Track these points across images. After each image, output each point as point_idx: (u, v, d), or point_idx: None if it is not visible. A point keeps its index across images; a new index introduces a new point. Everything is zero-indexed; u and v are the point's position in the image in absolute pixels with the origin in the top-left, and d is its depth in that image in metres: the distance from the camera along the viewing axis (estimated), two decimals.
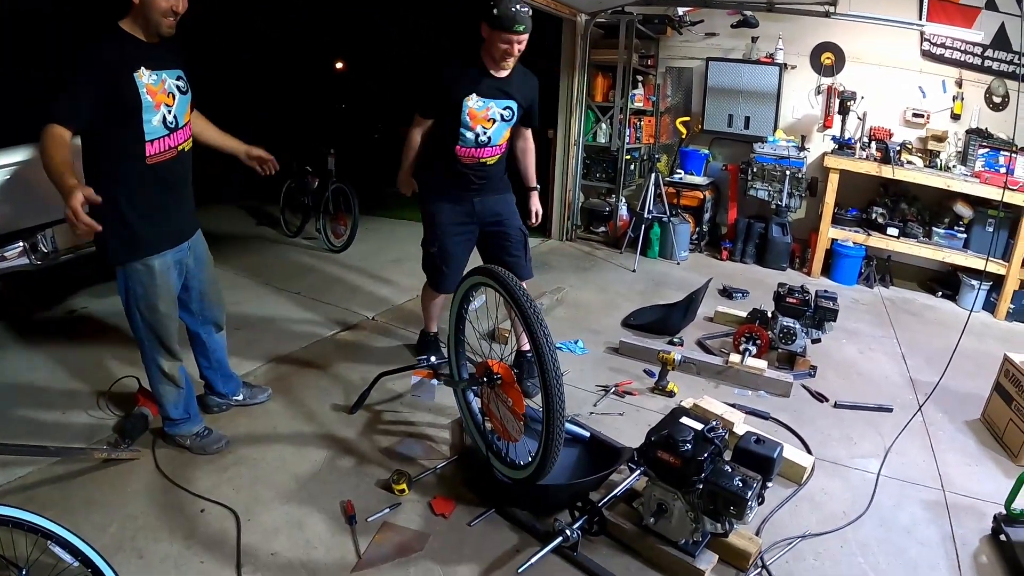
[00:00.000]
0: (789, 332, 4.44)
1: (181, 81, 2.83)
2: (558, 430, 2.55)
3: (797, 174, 6.53)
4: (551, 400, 2.52)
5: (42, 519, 2.10)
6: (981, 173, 5.88)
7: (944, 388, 3.88)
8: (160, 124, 2.73)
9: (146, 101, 2.65)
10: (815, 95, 6.82)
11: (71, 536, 2.13)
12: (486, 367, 2.92)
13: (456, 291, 3.15)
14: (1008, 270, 5.81)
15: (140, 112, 2.64)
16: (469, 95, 3.46)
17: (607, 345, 4.73)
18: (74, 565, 2.14)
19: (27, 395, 3.63)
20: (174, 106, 2.78)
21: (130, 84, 2.60)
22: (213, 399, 3.59)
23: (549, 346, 2.53)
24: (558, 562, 2.66)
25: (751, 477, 2.51)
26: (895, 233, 6.31)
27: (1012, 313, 5.90)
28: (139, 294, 2.91)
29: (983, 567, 2.86)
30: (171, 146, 2.81)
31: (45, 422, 3.39)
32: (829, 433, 3.80)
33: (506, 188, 3.92)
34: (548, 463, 2.61)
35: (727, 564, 2.71)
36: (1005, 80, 6.11)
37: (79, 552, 2.12)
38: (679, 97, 7.52)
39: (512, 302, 2.66)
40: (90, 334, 4.28)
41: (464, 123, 3.49)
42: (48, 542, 2.10)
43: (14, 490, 2.86)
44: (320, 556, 2.67)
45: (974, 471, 3.57)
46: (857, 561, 2.84)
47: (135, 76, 2.61)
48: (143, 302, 2.93)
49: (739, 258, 7.04)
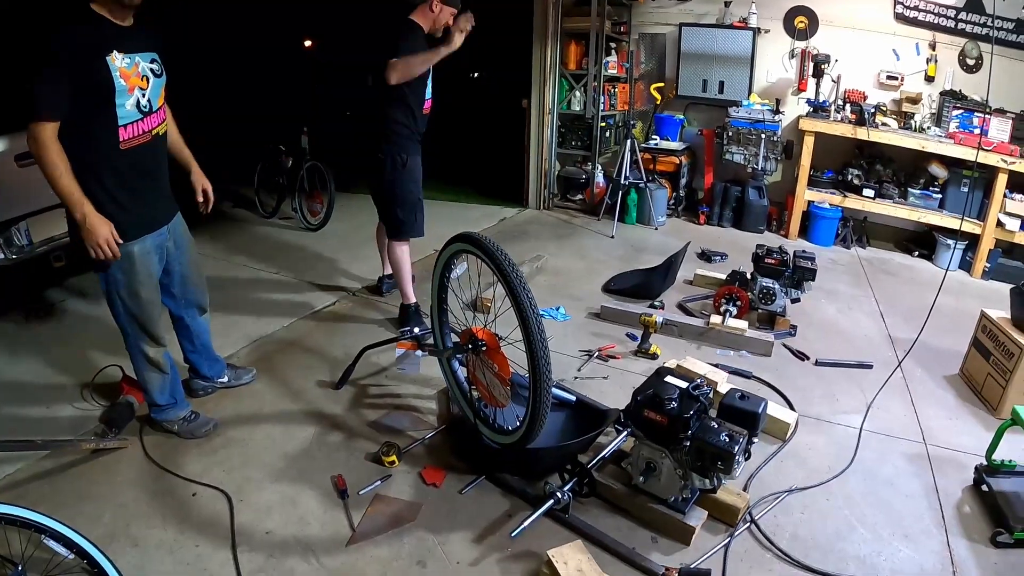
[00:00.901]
0: (769, 292, 4.46)
1: (155, 64, 2.75)
2: (545, 393, 2.54)
3: (772, 137, 6.53)
4: (537, 363, 2.51)
5: (34, 514, 2.07)
6: (955, 134, 5.91)
7: (923, 345, 3.93)
8: (134, 108, 2.65)
9: (119, 85, 2.56)
10: (789, 59, 6.80)
11: (65, 529, 2.11)
12: (471, 334, 2.90)
13: (437, 260, 3.12)
14: (983, 229, 5.87)
15: (113, 97, 2.56)
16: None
17: (588, 311, 4.74)
18: (70, 558, 2.13)
19: (10, 391, 3.55)
20: (148, 89, 2.70)
21: (103, 68, 2.51)
22: (198, 383, 3.54)
23: (533, 310, 2.52)
24: (550, 525, 2.68)
25: (737, 432, 2.53)
26: (871, 194, 6.35)
27: (988, 271, 5.97)
28: (120, 281, 2.84)
29: (966, 517, 2.92)
30: (145, 130, 2.73)
31: (30, 417, 3.32)
32: (811, 390, 3.84)
33: None
34: (537, 426, 2.60)
35: (716, 520, 2.75)
36: (979, 43, 6.12)
37: (74, 544, 2.11)
38: (653, 63, 7.47)
39: (495, 268, 2.64)
40: (70, 326, 4.20)
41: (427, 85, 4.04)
42: (42, 536, 2.08)
43: (3, 488, 2.81)
44: (314, 531, 2.67)
45: (954, 424, 3.63)
46: (843, 513, 2.88)
47: (108, 60, 2.52)
48: (125, 289, 2.86)
49: (716, 222, 7.04)
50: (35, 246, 3.79)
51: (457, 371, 3.21)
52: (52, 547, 2.10)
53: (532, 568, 2.48)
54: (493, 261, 2.64)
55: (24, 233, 3.70)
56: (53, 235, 3.87)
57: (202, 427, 3.23)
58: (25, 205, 3.68)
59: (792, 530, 2.75)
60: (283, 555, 2.54)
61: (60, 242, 3.93)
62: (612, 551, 2.56)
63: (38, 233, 3.78)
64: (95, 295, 4.56)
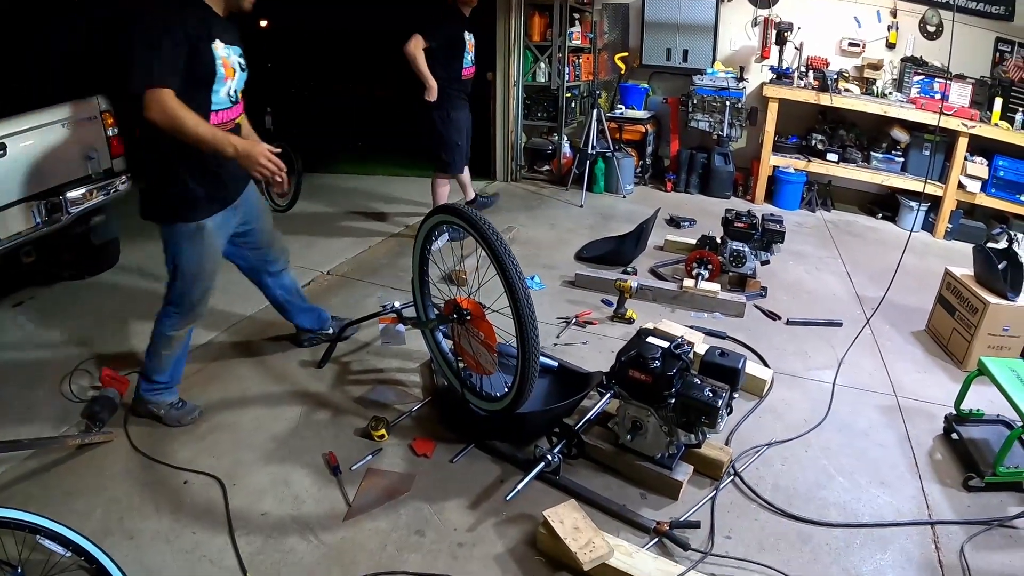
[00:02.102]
0: (739, 255, 4.55)
1: (242, 59, 2.81)
2: (533, 357, 2.58)
3: (737, 104, 6.60)
4: (525, 328, 2.55)
5: (26, 514, 2.04)
6: (917, 99, 6.04)
7: (889, 303, 4.05)
8: (225, 96, 2.72)
9: (220, 72, 2.62)
10: (752, 27, 6.86)
11: (58, 527, 2.07)
12: (455, 304, 2.92)
13: (418, 233, 3.13)
14: (945, 191, 6.03)
15: (213, 82, 2.61)
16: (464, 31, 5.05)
17: (563, 279, 4.78)
18: (67, 556, 2.10)
19: None
20: (235, 81, 2.76)
21: (208, 53, 2.56)
22: (304, 336, 3.79)
23: (519, 276, 2.55)
24: (542, 487, 2.73)
25: (720, 387, 2.60)
26: (835, 159, 6.46)
27: (950, 232, 6.15)
28: (188, 253, 2.86)
29: (938, 463, 3.05)
30: (230, 118, 2.80)
31: (9, 420, 3.20)
32: (784, 348, 3.95)
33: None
34: (526, 389, 2.65)
35: (702, 475, 2.84)
36: (939, 10, 6.24)
37: (70, 542, 2.07)
38: (616, 33, 7.48)
39: (479, 237, 2.65)
40: (41, 323, 4.10)
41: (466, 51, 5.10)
42: (36, 536, 2.05)
43: None
44: (310, 509, 2.68)
45: (923, 377, 3.77)
46: (822, 463, 2.99)
47: (213, 47, 2.57)
48: (191, 261, 2.88)
49: (683, 189, 7.11)
50: (3, 243, 3.69)
51: (441, 342, 3.24)
52: (48, 546, 2.07)
53: (528, 529, 2.54)
54: (476, 230, 2.65)
55: None
56: (21, 230, 3.78)
57: (188, 414, 3.19)
58: None
59: (774, 481, 2.85)
60: (281, 535, 2.54)
61: (29, 237, 3.84)
62: (604, 509, 2.63)
63: (3, 230, 3.69)
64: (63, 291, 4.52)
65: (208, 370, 3.62)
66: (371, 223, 5.91)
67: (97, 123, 4.18)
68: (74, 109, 4.04)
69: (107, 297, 4.42)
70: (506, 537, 2.53)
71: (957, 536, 2.62)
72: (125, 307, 4.25)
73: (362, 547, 2.50)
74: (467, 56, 5.16)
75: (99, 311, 4.21)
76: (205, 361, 3.71)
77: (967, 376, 3.20)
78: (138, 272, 4.78)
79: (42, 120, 3.86)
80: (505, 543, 2.50)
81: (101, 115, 4.19)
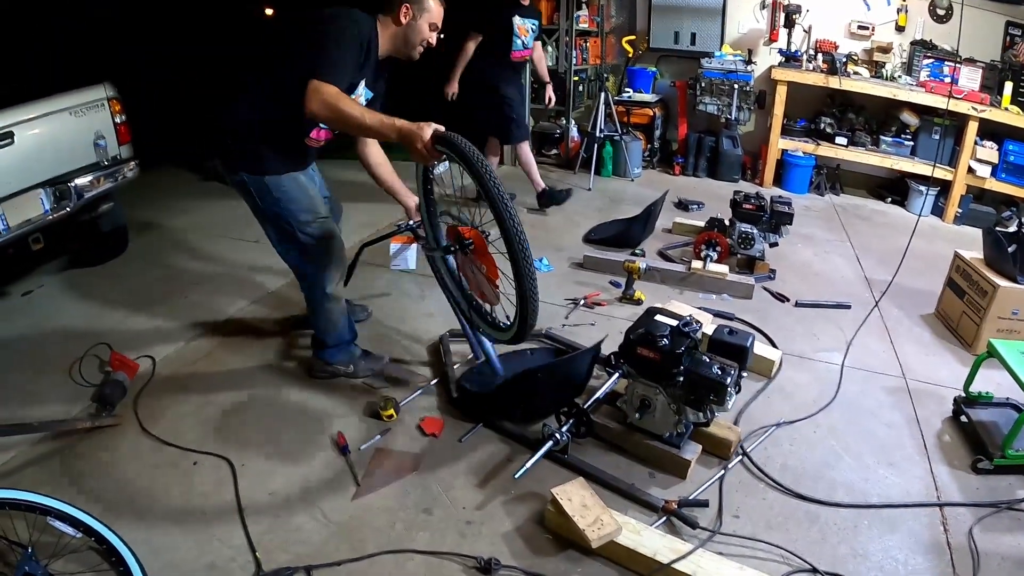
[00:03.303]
0: (747, 237, 4.53)
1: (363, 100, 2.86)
2: (530, 281, 2.53)
3: (745, 87, 6.56)
4: (517, 255, 2.48)
5: (36, 496, 2.06)
6: (927, 83, 5.99)
7: (898, 286, 4.05)
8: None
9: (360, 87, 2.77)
10: (760, 9, 6.81)
11: (69, 508, 2.09)
12: (457, 233, 2.90)
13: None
14: (955, 176, 5.98)
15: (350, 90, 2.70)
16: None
17: (571, 261, 4.78)
18: (77, 537, 2.12)
19: None
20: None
21: (355, 82, 2.71)
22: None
23: (506, 202, 2.44)
24: (550, 466, 2.73)
25: (728, 365, 2.60)
26: (843, 142, 6.42)
27: (960, 217, 6.10)
28: (299, 200, 2.93)
29: (946, 445, 3.04)
30: (323, 138, 2.95)
31: (20, 404, 3.21)
32: (793, 330, 3.94)
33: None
34: (529, 315, 2.58)
35: (710, 454, 2.84)
36: None
37: (80, 523, 2.09)
38: (623, 16, 7.45)
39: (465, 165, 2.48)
40: (51, 310, 4.12)
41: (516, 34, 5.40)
42: (47, 518, 2.07)
43: (0, 476, 2.74)
44: (319, 489, 2.69)
45: (932, 360, 3.75)
46: (830, 444, 2.98)
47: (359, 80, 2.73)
48: (304, 209, 2.94)
49: (692, 172, 7.09)
50: (12, 230, 3.71)
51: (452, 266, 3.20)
52: (58, 528, 2.09)
53: (536, 507, 2.54)
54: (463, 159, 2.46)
55: (0, 218, 3.64)
56: (30, 217, 3.80)
57: (379, 361, 3.36)
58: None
59: (782, 461, 2.85)
60: (290, 514, 2.56)
61: (37, 224, 3.86)
62: (612, 487, 2.63)
63: (14, 216, 3.71)
64: (73, 279, 4.53)
65: (215, 353, 3.64)
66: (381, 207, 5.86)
67: (105, 110, 4.18)
68: (81, 96, 4.05)
69: (116, 284, 4.42)
70: (514, 515, 2.53)
71: (966, 518, 2.60)
72: (133, 294, 4.27)
73: (370, 525, 2.51)
74: (517, 40, 5.45)
75: (108, 298, 4.23)
76: (212, 344, 3.72)
77: (976, 359, 3.19)
78: (146, 260, 4.80)
79: (50, 108, 3.86)
80: (513, 521, 2.51)
81: (109, 102, 4.19)
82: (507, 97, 5.59)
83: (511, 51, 5.48)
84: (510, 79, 5.66)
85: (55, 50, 4.83)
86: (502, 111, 5.63)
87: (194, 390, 3.32)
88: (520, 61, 5.66)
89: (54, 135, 3.90)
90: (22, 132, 3.69)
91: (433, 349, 3.63)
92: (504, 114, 5.64)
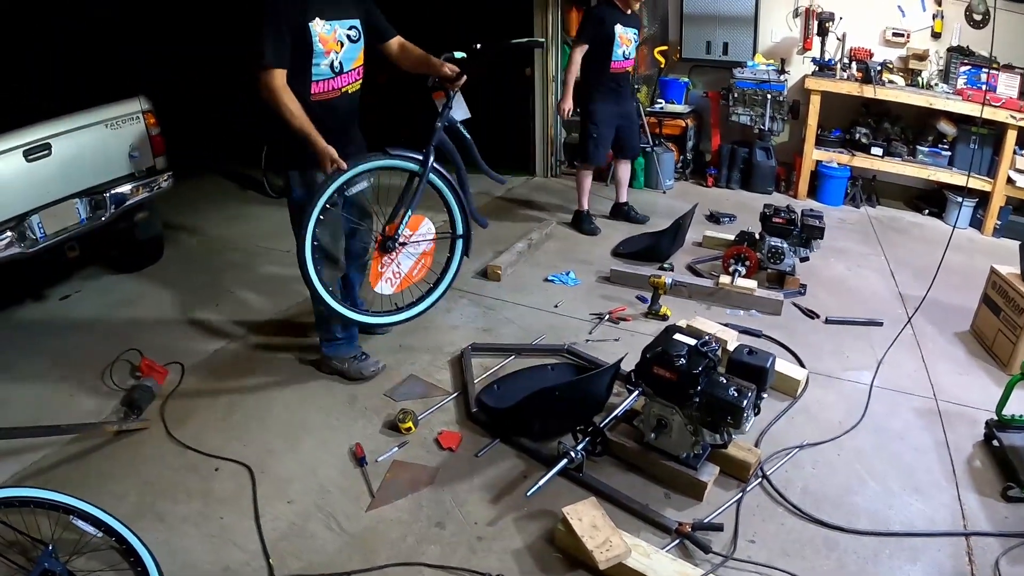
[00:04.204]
0: (777, 252, 4.47)
1: (353, 31, 3.07)
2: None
3: (778, 97, 6.46)
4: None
5: (62, 495, 2.15)
6: (963, 90, 5.83)
7: (933, 301, 3.94)
8: (327, 68, 3.01)
9: (317, 48, 2.93)
10: (793, 18, 6.70)
11: (92, 508, 2.18)
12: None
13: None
14: (993, 186, 5.80)
15: (311, 57, 2.93)
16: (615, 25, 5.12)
17: (598, 274, 4.75)
18: (98, 536, 2.20)
19: (31, 381, 3.59)
20: (341, 53, 3.04)
21: (306, 32, 2.88)
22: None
23: None
24: (565, 484, 2.73)
25: (746, 387, 2.56)
26: (879, 152, 6.28)
27: (999, 229, 5.92)
28: (299, 196, 3.17)
29: (976, 471, 2.95)
30: (335, 87, 3.08)
31: (53, 405, 3.37)
32: (821, 347, 3.86)
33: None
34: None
35: (728, 476, 2.79)
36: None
37: (101, 523, 2.18)
38: (656, 27, 7.38)
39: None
40: (86, 315, 4.24)
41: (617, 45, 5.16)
42: (70, 517, 2.16)
43: (31, 474, 2.87)
44: (335, 499, 2.73)
45: (965, 380, 3.64)
46: (854, 467, 2.92)
47: (311, 26, 2.88)
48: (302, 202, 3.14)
49: (724, 184, 7.00)
50: (49, 238, 3.85)
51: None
52: (80, 527, 2.18)
53: (548, 526, 2.54)
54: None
55: (38, 227, 3.77)
56: (66, 226, 3.93)
57: (371, 367, 3.49)
58: (36, 199, 3.76)
59: (803, 484, 2.79)
60: (305, 523, 2.61)
61: (73, 233, 3.99)
62: (626, 507, 2.62)
63: (51, 225, 3.85)
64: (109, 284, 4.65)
65: (243, 361, 3.72)
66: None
67: (139, 122, 4.29)
68: (117, 109, 4.16)
69: (150, 291, 4.54)
70: (525, 532, 2.54)
71: (992, 549, 2.52)
72: (167, 301, 4.38)
73: (383, 537, 2.54)
74: (617, 51, 5.21)
75: (141, 304, 4.35)
76: (241, 353, 3.81)
77: (1010, 380, 3.08)
78: (180, 267, 4.91)
79: (86, 120, 3.98)
80: (524, 538, 2.51)
81: (143, 115, 4.30)
82: (590, 112, 5.38)
83: (611, 62, 5.24)
84: (606, 95, 5.36)
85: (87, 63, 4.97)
86: (583, 127, 5.46)
87: (220, 397, 3.40)
88: (620, 72, 5.37)
89: (90, 147, 4.02)
90: (59, 144, 3.81)
91: (455, 362, 3.65)
92: (583, 130, 5.48)
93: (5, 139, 3.62)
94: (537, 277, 4.71)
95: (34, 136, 3.71)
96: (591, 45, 5.19)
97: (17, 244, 3.71)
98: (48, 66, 4.72)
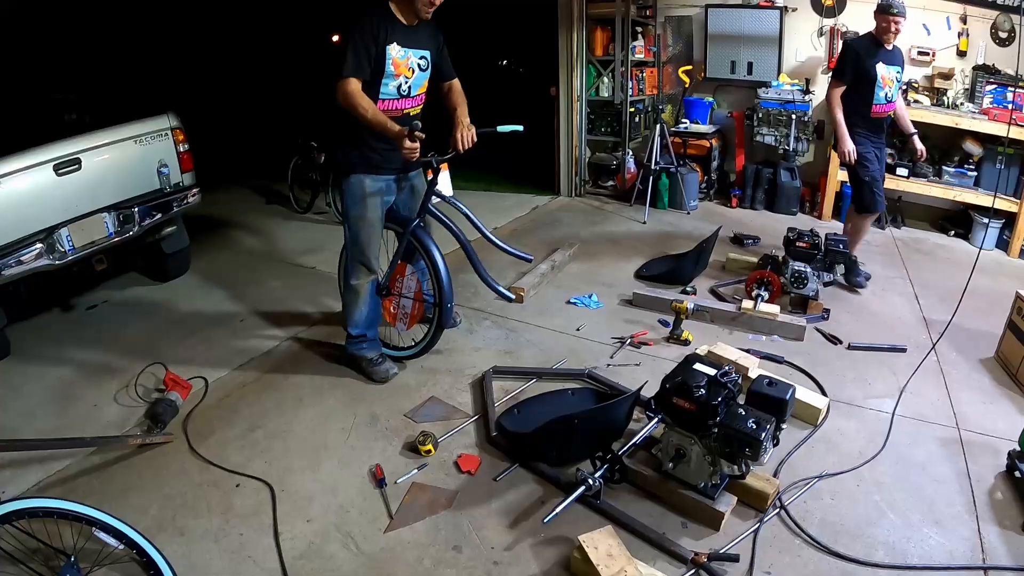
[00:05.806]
0: (800, 276, 4.44)
1: (423, 60, 3.38)
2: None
3: (803, 118, 6.46)
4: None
5: (84, 507, 2.20)
6: (989, 110, 5.78)
7: (958, 327, 3.89)
8: (394, 89, 3.31)
9: (388, 69, 3.23)
10: (817, 37, 6.69)
11: (114, 521, 2.23)
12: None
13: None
14: (1020, 207, 5.73)
15: (382, 76, 3.23)
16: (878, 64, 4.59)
17: (621, 297, 4.75)
18: (119, 548, 2.25)
19: (58, 391, 3.69)
20: (412, 78, 3.35)
21: (382, 53, 3.18)
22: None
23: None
24: (582, 510, 2.73)
25: (765, 419, 2.56)
26: (905, 173, 6.23)
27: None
28: (351, 205, 3.46)
29: (998, 503, 2.90)
30: (398, 108, 3.35)
31: (78, 416, 3.45)
32: (843, 375, 3.83)
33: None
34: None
35: (746, 505, 2.77)
36: (1011, 15, 5.95)
37: (123, 535, 2.23)
38: (680, 46, 7.41)
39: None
40: (113, 327, 4.33)
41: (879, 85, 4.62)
42: (93, 528, 2.20)
43: (55, 483, 2.94)
44: (354, 519, 2.76)
45: (988, 409, 3.58)
46: (874, 499, 2.88)
47: (388, 49, 3.19)
48: (354, 212, 3.47)
49: (749, 205, 6.98)
50: (77, 251, 3.94)
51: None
52: (102, 538, 2.22)
53: (564, 552, 2.54)
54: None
55: (66, 239, 3.87)
56: (95, 239, 4.02)
57: (383, 372, 3.71)
58: (65, 212, 3.86)
59: (822, 515, 2.77)
60: (323, 542, 2.64)
61: (101, 246, 4.08)
62: (642, 536, 2.61)
63: (79, 238, 3.94)
64: (136, 296, 4.74)
65: (266, 378, 3.77)
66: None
67: (168, 139, 4.37)
68: (146, 126, 4.24)
69: (176, 304, 4.63)
70: (541, 558, 2.54)
71: None
72: (192, 314, 4.45)
73: (400, 559, 2.56)
74: (879, 92, 4.65)
75: (167, 317, 4.43)
76: (264, 369, 3.86)
77: None
78: (207, 280, 4.99)
79: (115, 136, 4.07)
80: (540, 564, 2.52)
81: (172, 131, 4.39)
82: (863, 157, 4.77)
83: (872, 105, 4.70)
84: (865, 139, 4.79)
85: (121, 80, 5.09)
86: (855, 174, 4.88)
87: (243, 413, 3.46)
88: (881, 117, 4.82)
89: (119, 162, 4.13)
90: (89, 159, 3.91)
91: (476, 384, 3.67)
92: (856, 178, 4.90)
93: (36, 153, 3.73)
94: (560, 299, 4.73)
95: (65, 151, 3.82)
96: (851, 85, 4.70)
97: (46, 256, 3.82)
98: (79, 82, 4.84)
